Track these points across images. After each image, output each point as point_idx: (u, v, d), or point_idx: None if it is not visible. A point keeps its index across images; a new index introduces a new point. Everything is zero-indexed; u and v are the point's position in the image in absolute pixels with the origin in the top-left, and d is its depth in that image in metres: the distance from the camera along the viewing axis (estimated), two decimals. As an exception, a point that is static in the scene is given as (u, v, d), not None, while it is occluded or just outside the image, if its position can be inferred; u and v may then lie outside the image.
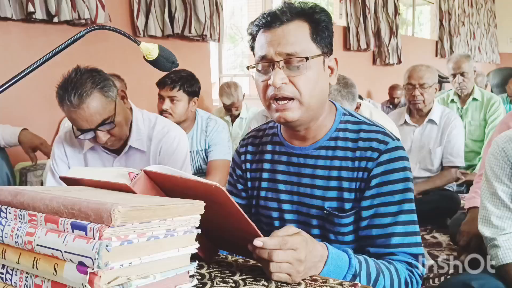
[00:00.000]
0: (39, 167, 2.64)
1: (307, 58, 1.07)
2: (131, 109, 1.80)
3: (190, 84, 2.51)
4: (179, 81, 2.47)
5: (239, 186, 1.32)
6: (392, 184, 1.10)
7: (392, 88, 5.94)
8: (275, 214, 1.23)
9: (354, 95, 2.06)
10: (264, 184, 1.25)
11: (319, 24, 1.11)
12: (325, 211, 1.15)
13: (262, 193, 1.25)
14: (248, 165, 1.30)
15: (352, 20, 6.22)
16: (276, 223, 1.23)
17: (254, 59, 1.15)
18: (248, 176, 1.30)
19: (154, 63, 1.07)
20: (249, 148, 1.31)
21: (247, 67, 1.15)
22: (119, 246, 0.66)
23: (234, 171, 1.34)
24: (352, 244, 1.16)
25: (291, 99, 1.08)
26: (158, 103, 2.52)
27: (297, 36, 1.08)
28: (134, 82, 3.20)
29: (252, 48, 1.16)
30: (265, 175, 1.25)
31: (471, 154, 3.45)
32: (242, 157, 1.31)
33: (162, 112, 2.47)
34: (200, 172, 2.62)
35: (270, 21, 1.09)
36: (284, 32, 1.08)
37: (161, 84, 2.49)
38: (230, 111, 4.00)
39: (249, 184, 1.30)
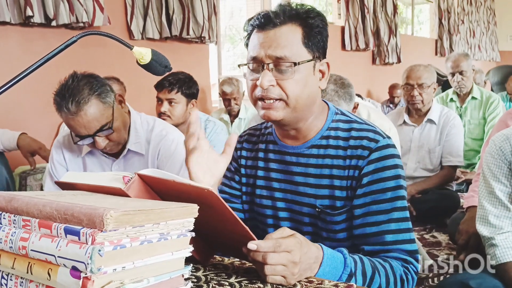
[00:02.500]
0: (38, 171, 2.65)
1: (295, 64, 1.08)
2: (129, 112, 1.81)
3: (188, 86, 2.51)
4: (177, 83, 2.48)
5: (237, 178, 1.33)
6: (384, 181, 1.11)
7: (392, 87, 5.94)
8: (269, 211, 1.25)
9: (351, 95, 2.06)
10: (259, 182, 1.27)
11: (312, 29, 1.11)
12: (317, 209, 1.16)
13: (257, 191, 1.27)
14: (243, 161, 1.32)
15: (350, 19, 6.22)
16: (270, 221, 1.25)
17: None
18: (243, 172, 1.31)
19: (147, 67, 1.08)
20: (245, 145, 1.33)
21: (239, 65, 1.17)
22: (112, 251, 0.67)
23: (231, 165, 1.35)
24: (344, 242, 1.16)
25: (277, 99, 1.10)
26: (157, 106, 2.53)
27: (288, 40, 1.09)
28: (133, 84, 3.21)
29: (246, 45, 1.18)
30: (260, 173, 1.27)
31: (471, 152, 3.45)
32: (238, 153, 1.33)
33: (160, 114, 2.47)
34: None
35: (264, 22, 1.10)
36: (276, 35, 1.09)
37: (159, 86, 2.50)
38: (230, 104, 3.99)
39: (243, 180, 1.31)
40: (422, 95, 2.85)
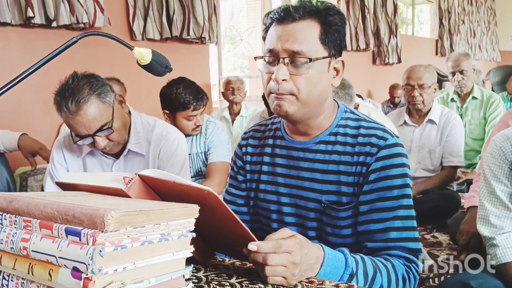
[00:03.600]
0: (39, 171, 2.65)
1: (311, 60, 1.09)
2: (129, 113, 1.81)
3: None
4: (203, 93, 2.48)
5: (240, 178, 1.34)
6: (391, 179, 1.11)
7: (393, 88, 5.94)
8: (273, 207, 1.25)
9: (352, 96, 2.07)
10: (263, 177, 1.27)
11: (330, 27, 1.12)
12: (322, 204, 1.17)
13: (262, 186, 1.27)
14: (248, 158, 1.32)
15: (351, 19, 6.22)
16: (274, 216, 1.25)
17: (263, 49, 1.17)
18: (248, 168, 1.32)
19: (148, 68, 1.07)
20: (250, 141, 1.33)
21: (255, 58, 1.17)
22: (112, 251, 0.67)
23: (235, 163, 1.36)
24: (349, 238, 1.17)
25: (289, 94, 1.11)
26: (186, 124, 2.46)
27: (305, 35, 1.10)
28: (134, 85, 3.21)
29: (264, 38, 1.18)
30: (265, 168, 1.27)
31: (472, 152, 3.45)
32: (243, 149, 1.34)
33: (196, 128, 2.47)
34: (199, 174, 2.62)
35: (283, 16, 1.11)
36: (294, 29, 1.10)
37: (190, 107, 2.43)
38: (233, 92, 4.05)
39: (248, 176, 1.32)
40: (423, 95, 2.85)
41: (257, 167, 1.30)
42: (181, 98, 2.41)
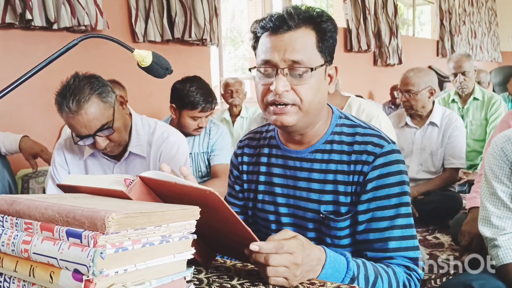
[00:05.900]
0: (40, 173, 2.65)
1: (312, 69, 1.07)
2: (130, 114, 1.81)
3: None
4: (214, 99, 2.49)
5: (237, 187, 1.33)
6: (388, 187, 1.10)
7: (394, 89, 5.93)
8: (272, 217, 1.24)
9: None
10: (261, 187, 1.26)
11: (325, 34, 1.10)
12: (321, 215, 1.15)
13: (259, 196, 1.26)
14: (245, 167, 1.30)
15: (352, 21, 6.22)
16: (273, 226, 1.24)
17: (256, 59, 1.14)
18: (245, 178, 1.30)
19: (148, 70, 1.07)
20: (246, 150, 1.32)
21: (249, 69, 1.14)
22: (113, 253, 0.67)
23: (232, 173, 1.34)
24: (348, 248, 1.16)
25: (291, 104, 1.08)
26: (189, 122, 2.47)
27: (303, 44, 1.07)
28: (135, 87, 3.21)
29: (254, 48, 1.15)
30: (262, 178, 1.25)
31: (473, 153, 3.44)
32: (239, 159, 1.32)
33: (197, 129, 2.49)
34: (199, 176, 2.62)
35: (278, 25, 1.07)
36: (291, 39, 1.06)
37: (198, 107, 2.44)
38: (232, 95, 4.05)
39: (245, 186, 1.30)
40: (410, 101, 2.84)
41: (253, 176, 1.28)
42: (191, 97, 2.42)
